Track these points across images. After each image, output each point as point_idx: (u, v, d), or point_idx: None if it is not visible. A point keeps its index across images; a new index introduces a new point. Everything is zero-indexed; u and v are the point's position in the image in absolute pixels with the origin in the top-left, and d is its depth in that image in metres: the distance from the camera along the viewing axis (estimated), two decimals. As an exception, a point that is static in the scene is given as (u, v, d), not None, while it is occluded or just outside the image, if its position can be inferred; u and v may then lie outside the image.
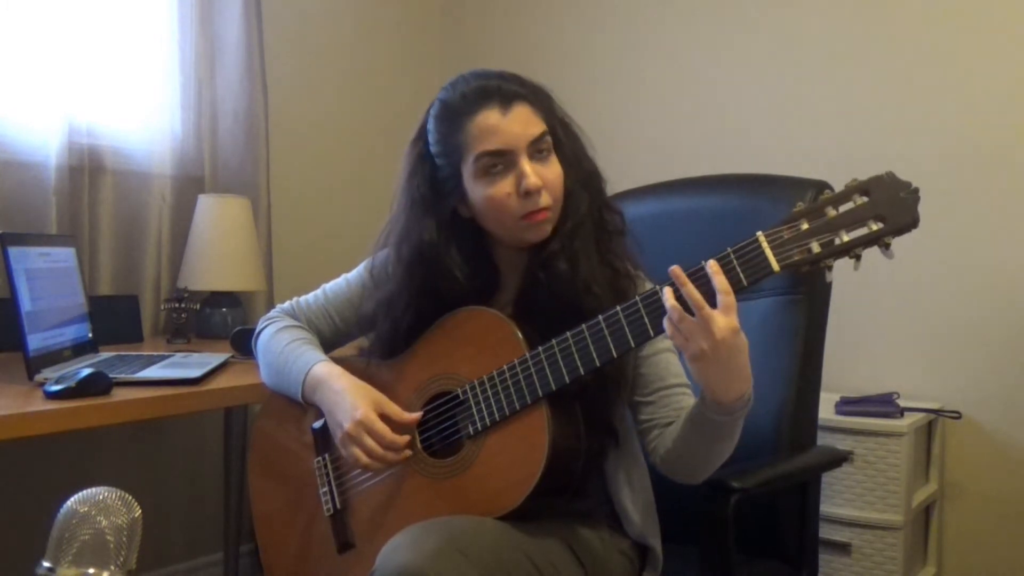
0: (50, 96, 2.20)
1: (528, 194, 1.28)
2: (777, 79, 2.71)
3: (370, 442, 1.29)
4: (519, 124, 1.28)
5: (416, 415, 1.32)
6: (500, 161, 1.28)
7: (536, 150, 1.29)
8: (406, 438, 1.31)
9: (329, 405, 1.36)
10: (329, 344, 1.54)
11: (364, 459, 1.30)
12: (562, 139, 1.34)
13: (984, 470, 2.43)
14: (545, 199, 1.29)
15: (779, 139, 2.68)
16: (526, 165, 1.28)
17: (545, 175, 1.29)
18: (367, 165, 3.08)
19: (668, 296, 1.13)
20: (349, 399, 1.33)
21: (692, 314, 1.12)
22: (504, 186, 1.29)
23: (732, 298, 1.11)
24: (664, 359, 1.35)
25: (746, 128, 2.75)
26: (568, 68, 2.95)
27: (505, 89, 1.29)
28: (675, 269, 1.13)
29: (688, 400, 1.32)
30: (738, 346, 1.12)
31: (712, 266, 1.12)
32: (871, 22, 2.56)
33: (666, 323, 1.14)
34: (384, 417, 1.31)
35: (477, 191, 1.31)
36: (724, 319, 1.10)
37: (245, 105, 2.59)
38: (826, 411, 2.18)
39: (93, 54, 2.31)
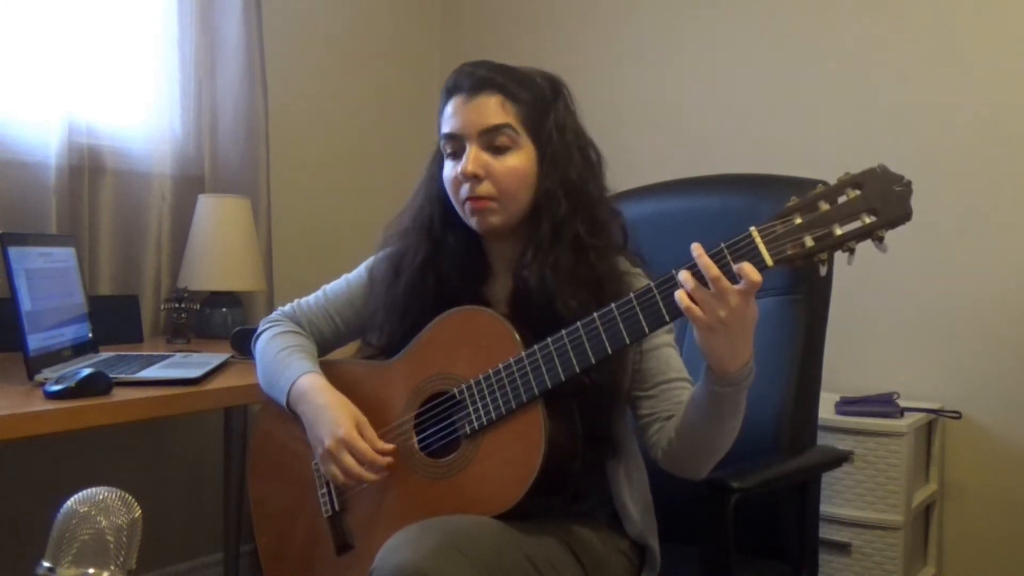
0: (50, 96, 2.20)
1: (465, 179, 1.30)
2: (777, 79, 2.71)
3: (350, 460, 1.30)
4: (475, 112, 1.31)
5: (391, 447, 1.33)
6: (454, 145, 1.34)
7: (489, 141, 1.31)
8: (386, 460, 1.31)
9: (310, 419, 1.36)
10: (330, 345, 1.54)
11: (341, 477, 1.32)
12: (552, 142, 1.33)
13: (984, 470, 2.43)
14: (486, 189, 1.31)
15: (779, 139, 2.68)
16: (470, 151, 1.31)
17: (493, 167, 1.31)
18: (367, 165, 3.08)
19: (684, 272, 1.14)
20: (331, 415, 1.33)
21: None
22: (453, 170, 1.34)
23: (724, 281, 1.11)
24: (664, 353, 1.35)
25: (746, 128, 2.75)
26: (567, 67, 2.93)
27: (479, 77, 1.33)
28: (696, 246, 1.14)
29: (688, 394, 1.32)
30: (749, 315, 1.13)
31: (695, 248, 1.13)
32: (871, 22, 2.56)
33: (679, 296, 1.13)
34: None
35: (444, 170, 1.36)
36: (738, 291, 1.11)
37: (245, 105, 2.58)
38: (826, 411, 2.18)
39: (93, 54, 2.31)
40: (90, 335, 1.97)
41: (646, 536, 1.36)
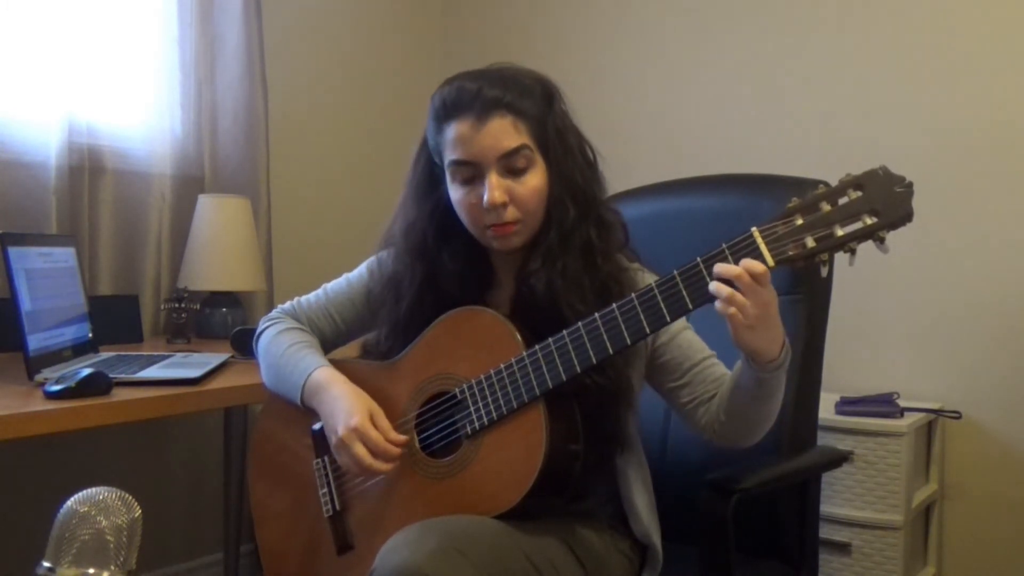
0: (50, 96, 2.20)
1: (492, 207, 1.29)
2: (777, 79, 2.71)
3: (362, 450, 1.30)
4: (490, 137, 1.28)
5: (403, 438, 1.32)
6: (469, 171, 1.30)
7: (508, 164, 1.29)
8: (397, 450, 1.31)
9: (326, 411, 1.36)
10: (330, 344, 1.54)
11: (355, 467, 1.32)
12: (556, 148, 1.32)
13: (984, 470, 2.43)
14: (511, 214, 1.30)
15: (779, 139, 2.68)
16: (491, 179, 1.28)
17: (515, 191, 1.29)
18: (367, 165, 3.08)
19: (715, 283, 1.14)
20: (345, 406, 1.33)
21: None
22: (471, 195, 1.31)
23: (758, 267, 1.13)
24: (685, 339, 1.35)
25: (746, 128, 2.75)
26: (568, 68, 2.93)
27: (485, 97, 1.28)
28: (719, 265, 1.14)
29: (720, 369, 1.34)
30: (773, 301, 1.15)
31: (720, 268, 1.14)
32: (871, 21, 2.56)
33: (719, 306, 1.14)
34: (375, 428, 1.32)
35: (452, 193, 1.34)
36: (762, 288, 1.12)
37: (245, 105, 2.59)
38: (826, 411, 2.17)
39: (93, 54, 2.31)
40: (90, 335, 1.97)
41: (650, 534, 1.36)
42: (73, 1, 2.25)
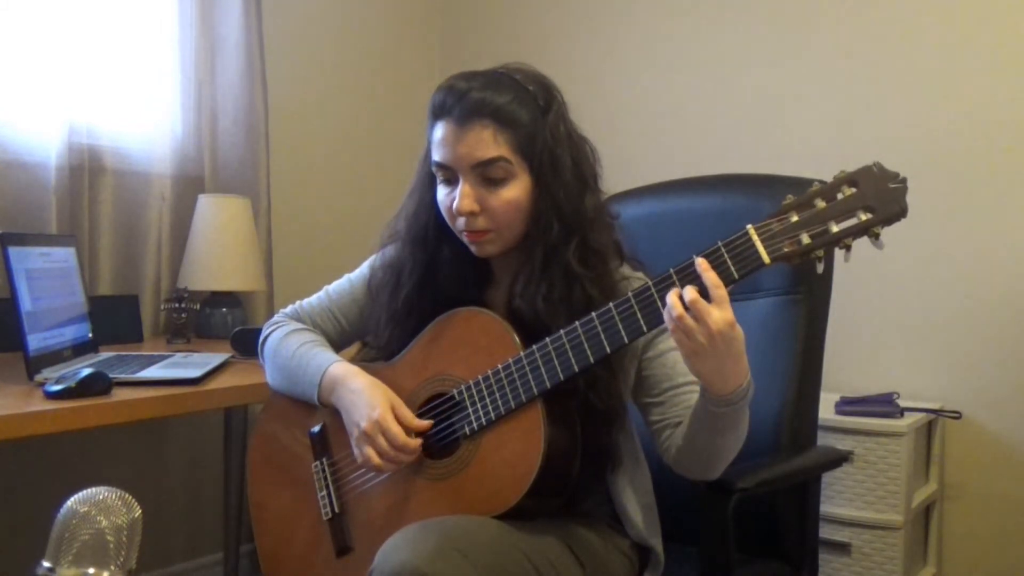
0: (50, 96, 2.20)
1: (460, 215, 1.29)
2: (777, 79, 2.71)
3: (383, 443, 1.29)
4: (467, 145, 1.26)
5: (427, 423, 1.32)
6: (446, 173, 1.30)
7: (483, 174, 1.27)
8: (418, 441, 1.30)
9: (346, 405, 1.35)
10: (335, 345, 1.53)
11: (376, 459, 1.30)
12: (543, 163, 1.29)
13: (984, 470, 2.43)
14: (482, 223, 1.29)
15: (779, 139, 2.69)
16: (463, 187, 1.28)
17: (488, 201, 1.28)
18: (367, 165, 3.08)
19: (671, 294, 1.13)
20: (366, 399, 1.32)
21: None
22: (448, 198, 1.31)
23: (723, 291, 1.11)
24: (671, 358, 1.34)
25: (745, 128, 2.75)
26: (568, 67, 2.94)
27: (469, 102, 1.26)
28: (701, 260, 1.13)
29: (696, 397, 1.32)
30: (734, 338, 1.12)
31: (701, 263, 1.13)
32: (871, 22, 2.56)
33: (667, 318, 1.14)
34: (396, 419, 1.31)
35: (437, 191, 1.34)
36: (719, 312, 1.10)
37: (245, 105, 2.59)
38: (826, 411, 2.18)
39: (93, 54, 2.31)
40: (90, 335, 1.97)
41: (648, 537, 1.36)
42: (74, 1, 2.25)
